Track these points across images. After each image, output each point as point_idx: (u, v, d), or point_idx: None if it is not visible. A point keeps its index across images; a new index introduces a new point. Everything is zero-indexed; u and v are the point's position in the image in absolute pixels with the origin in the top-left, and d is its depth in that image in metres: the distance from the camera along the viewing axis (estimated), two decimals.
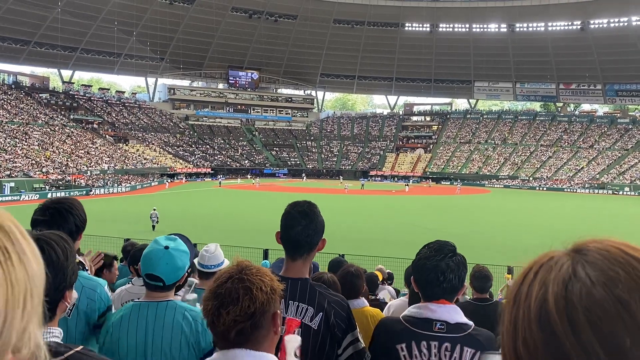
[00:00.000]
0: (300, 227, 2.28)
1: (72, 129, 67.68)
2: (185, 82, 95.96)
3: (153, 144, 77.10)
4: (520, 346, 0.64)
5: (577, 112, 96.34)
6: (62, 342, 1.52)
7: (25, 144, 56.66)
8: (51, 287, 1.42)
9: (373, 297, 5.95)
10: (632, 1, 70.72)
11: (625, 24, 76.34)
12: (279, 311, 1.53)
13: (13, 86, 71.57)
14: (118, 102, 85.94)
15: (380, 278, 8.54)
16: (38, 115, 66.12)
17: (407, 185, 66.04)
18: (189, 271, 2.54)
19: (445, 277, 2.15)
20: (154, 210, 26.31)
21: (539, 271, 0.67)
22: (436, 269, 2.16)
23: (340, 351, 2.28)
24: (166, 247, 2.33)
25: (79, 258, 2.66)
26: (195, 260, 3.65)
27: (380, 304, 5.47)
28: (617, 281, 0.60)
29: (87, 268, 2.74)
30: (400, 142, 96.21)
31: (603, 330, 0.58)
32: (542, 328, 0.62)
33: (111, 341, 2.31)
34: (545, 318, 0.62)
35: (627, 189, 66.96)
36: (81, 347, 1.55)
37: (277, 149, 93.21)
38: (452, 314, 2.17)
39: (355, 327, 2.34)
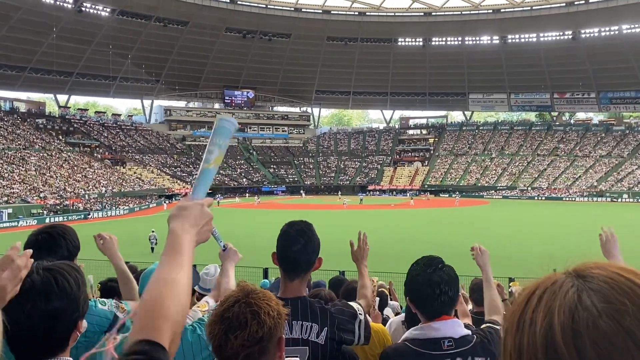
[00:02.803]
0: (299, 245, 2.30)
1: (69, 153, 67.74)
2: (181, 103, 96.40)
3: (150, 165, 77.11)
4: None
5: (572, 121, 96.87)
6: None
7: (22, 169, 56.65)
8: (65, 317, 1.45)
9: (382, 316, 5.83)
10: (621, 10, 71.45)
11: (616, 32, 77.04)
12: (283, 336, 1.52)
13: (11, 112, 71.80)
14: (114, 125, 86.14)
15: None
16: (35, 140, 66.22)
17: (412, 198, 66.03)
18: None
19: (441, 290, 2.14)
20: (153, 232, 26.20)
21: (543, 296, 0.66)
22: (430, 283, 2.15)
23: (356, 340, 2.31)
24: None
25: None
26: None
27: (385, 321, 5.40)
28: (624, 313, 0.60)
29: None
30: (398, 156, 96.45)
31: None
32: (548, 356, 0.61)
33: None
34: (552, 347, 0.61)
35: (625, 195, 67.06)
36: None
37: (274, 166, 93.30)
38: (456, 328, 2.16)
39: (357, 314, 2.35)
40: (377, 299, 6.32)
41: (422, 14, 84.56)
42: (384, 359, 2.24)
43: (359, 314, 2.36)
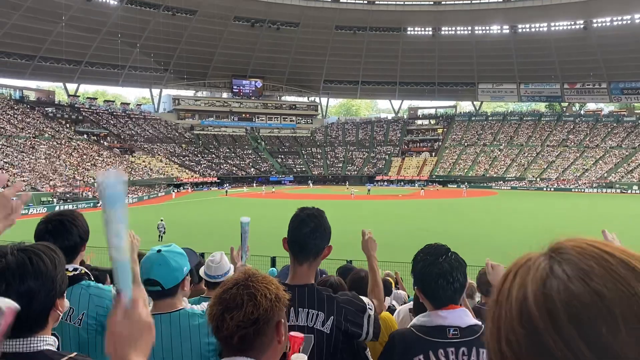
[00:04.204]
0: (308, 229, 2.31)
1: (78, 142, 68.08)
2: (190, 92, 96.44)
3: (159, 154, 77.40)
4: (505, 346, 0.65)
5: (582, 112, 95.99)
6: (56, 350, 1.56)
7: (32, 157, 57.03)
8: (41, 297, 1.48)
9: (389, 305, 5.88)
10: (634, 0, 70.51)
11: (629, 21, 76.09)
12: (283, 320, 1.54)
13: (20, 101, 72.24)
14: (123, 114, 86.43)
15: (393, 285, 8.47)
16: (44, 129, 66.59)
17: (423, 189, 65.81)
18: (191, 280, 2.53)
19: (453, 278, 2.16)
20: (161, 220, 26.37)
21: (518, 272, 0.69)
22: (444, 273, 2.15)
23: (364, 335, 2.30)
24: (158, 251, 2.33)
25: (85, 269, 2.67)
26: (202, 270, 3.66)
27: (392, 310, 5.42)
28: (591, 274, 0.62)
29: (92, 278, 2.74)
30: (406, 146, 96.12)
31: (582, 322, 0.60)
32: (524, 326, 0.63)
33: None
34: (527, 315, 0.63)
35: (635, 187, 66.53)
36: (75, 353, 1.58)
37: (282, 156, 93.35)
38: (463, 317, 2.17)
39: (366, 308, 2.35)
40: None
41: (432, 2, 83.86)
42: (389, 342, 2.26)
43: (369, 308, 2.35)
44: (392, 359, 2.20)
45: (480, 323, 2.18)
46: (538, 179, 76.25)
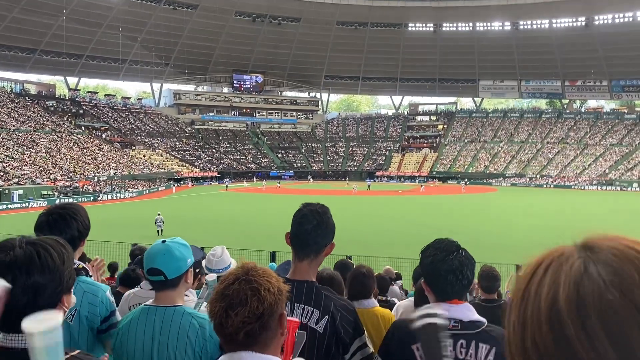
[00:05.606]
0: (311, 225, 2.28)
1: (78, 136, 68.04)
2: (190, 87, 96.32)
3: (159, 149, 77.35)
4: (530, 345, 0.64)
5: (583, 109, 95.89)
6: None
7: (33, 151, 57.02)
8: (47, 291, 1.45)
9: (384, 299, 5.91)
10: None
11: (631, 19, 75.90)
12: (285, 312, 1.53)
13: (21, 94, 72.18)
14: (124, 108, 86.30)
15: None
16: (45, 122, 66.53)
17: (422, 185, 65.75)
18: (197, 270, 2.53)
19: (462, 275, 2.15)
20: (159, 215, 26.32)
21: (549, 268, 0.66)
22: (453, 269, 2.15)
23: (348, 356, 2.27)
24: (163, 241, 2.33)
25: (82, 264, 2.67)
26: (203, 264, 3.66)
27: (390, 305, 5.43)
28: (632, 285, 0.59)
29: (90, 274, 2.73)
30: (406, 142, 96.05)
31: (616, 333, 0.57)
32: (553, 328, 0.61)
33: (120, 343, 2.31)
34: (556, 319, 0.61)
35: (635, 184, 66.51)
36: (78, 351, 1.56)
37: (282, 151, 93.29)
38: (465, 312, 2.17)
39: (363, 332, 2.34)
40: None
41: None
42: (390, 329, 2.28)
43: (365, 337, 2.34)
44: (391, 346, 2.21)
45: (483, 319, 2.18)
46: (538, 176, 76.25)
